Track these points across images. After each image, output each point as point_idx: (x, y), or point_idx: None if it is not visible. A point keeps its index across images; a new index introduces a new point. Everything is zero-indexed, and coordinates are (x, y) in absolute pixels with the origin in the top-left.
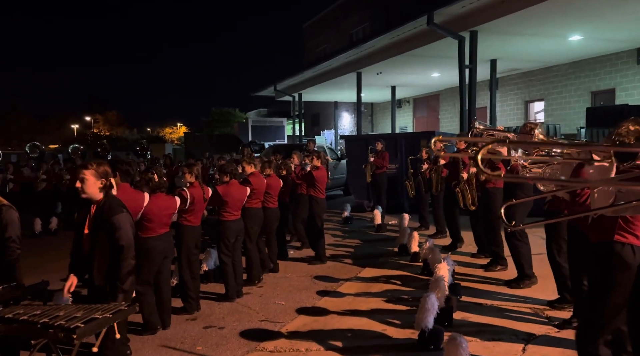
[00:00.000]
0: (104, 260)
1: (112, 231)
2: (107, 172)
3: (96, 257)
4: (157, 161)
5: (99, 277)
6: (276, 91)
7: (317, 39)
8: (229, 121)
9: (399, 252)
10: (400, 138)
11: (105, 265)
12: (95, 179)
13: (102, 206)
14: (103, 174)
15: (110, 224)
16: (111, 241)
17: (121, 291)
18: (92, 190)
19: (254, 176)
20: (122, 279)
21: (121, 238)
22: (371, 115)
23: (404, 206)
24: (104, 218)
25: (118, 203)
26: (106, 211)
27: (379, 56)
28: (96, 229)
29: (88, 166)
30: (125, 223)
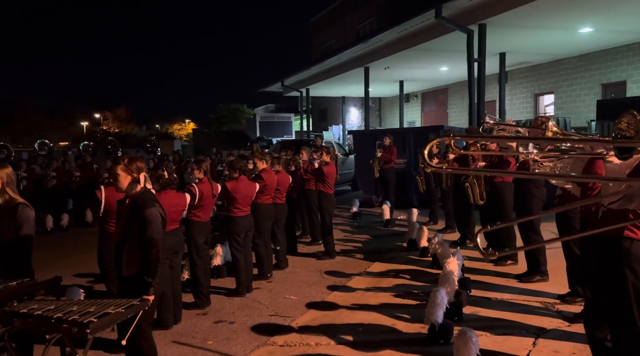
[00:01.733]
0: (133, 252)
1: (143, 224)
2: (137, 167)
3: (126, 248)
4: (166, 158)
5: (126, 268)
6: (284, 87)
7: (324, 34)
8: (237, 117)
9: (408, 247)
10: (408, 133)
11: (133, 257)
12: (125, 173)
13: (136, 199)
14: (133, 168)
15: (143, 217)
16: (141, 234)
17: (150, 285)
18: (123, 184)
19: (265, 172)
20: (151, 273)
21: (152, 231)
22: (379, 110)
23: (413, 201)
24: (137, 210)
25: (152, 197)
26: (140, 204)
27: (387, 51)
28: (129, 221)
29: (119, 160)
30: (156, 217)
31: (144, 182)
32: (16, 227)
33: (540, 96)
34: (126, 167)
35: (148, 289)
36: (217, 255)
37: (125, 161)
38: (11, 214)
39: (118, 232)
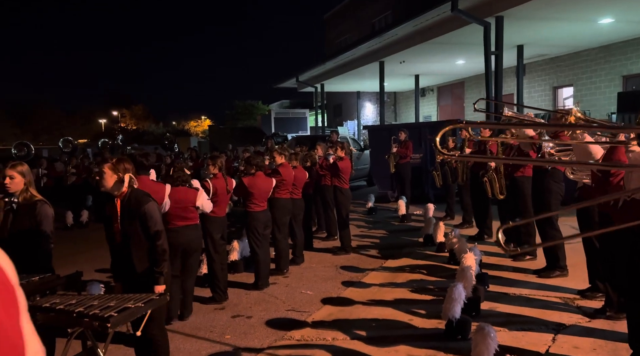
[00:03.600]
0: (140, 249)
1: (144, 220)
2: (124, 167)
3: (132, 247)
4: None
5: (138, 264)
6: (298, 82)
7: (338, 29)
8: (252, 113)
9: (424, 242)
10: (424, 127)
11: (142, 253)
12: (112, 172)
13: (127, 198)
14: (120, 168)
15: (142, 214)
16: (144, 230)
17: (160, 275)
18: (109, 183)
19: (283, 166)
20: (158, 264)
21: (154, 225)
22: (394, 104)
23: (429, 196)
24: (133, 209)
25: (143, 193)
26: (134, 203)
27: (402, 45)
28: (127, 221)
29: (108, 160)
30: (155, 210)
31: (128, 183)
32: (36, 224)
33: (559, 89)
34: (113, 166)
35: (159, 279)
36: (233, 250)
37: (113, 160)
38: (31, 211)
39: (118, 232)
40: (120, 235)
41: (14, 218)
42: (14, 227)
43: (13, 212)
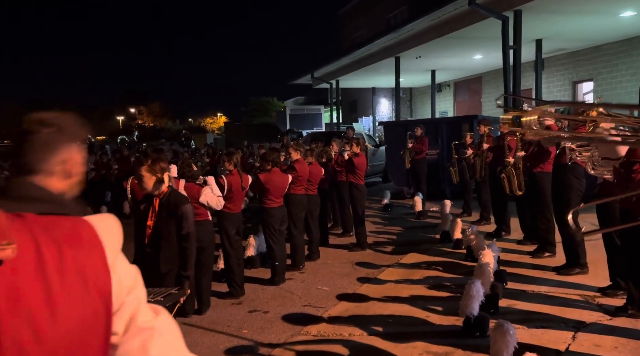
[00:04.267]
0: (169, 249)
1: (180, 221)
2: (161, 168)
3: (162, 247)
4: (199, 151)
5: (164, 265)
6: (313, 79)
7: (353, 24)
8: (267, 110)
9: (441, 239)
10: (441, 123)
11: (169, 254)
12: (150, 174)
13: (166, 197)
14: (157, 168)
15: (180, 214)
16: (178, 230)
17: (186, 279)
18: (149, 184)
19: (299, 162)
20: (187, 266)
21: (187, 227)
22: (410, 100)
23: (446, 192)
24: (172, 209)
25: (180, 194)
26: (172, 203)
27: (418, 40)
28: (164, 220)
29: (142, 162)
30: (191, 213)
31: (168, 181)
32: None
33: (579, 84)
34: (150, 168)
35: (184, 283)
36: (250, 246)
37: (148, 162)
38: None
39: (150, 230)
40: (151, 233)
41: None
42: None
43: None
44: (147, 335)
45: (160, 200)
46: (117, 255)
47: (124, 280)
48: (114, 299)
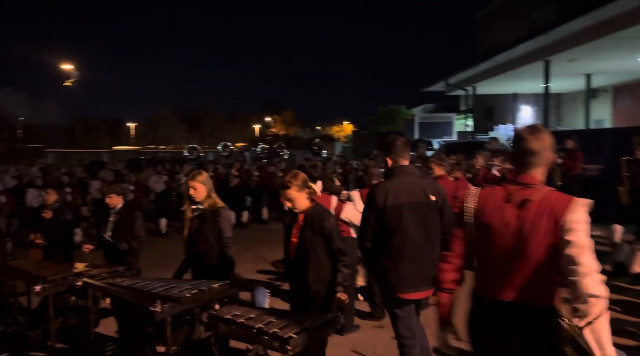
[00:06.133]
0: (316, 268)
1: (327, 237)
2: (305, 180)
3: (309, 266)
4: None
5: (313, 285)
6: (447, 86)
7: (492, 28)
8: (394, 118)
9: (614, 271)
10: (604, 135)
11: (317, 273)
12: (300, 193)
13: (310, 213)
14: (303, 183)
15: (325, 230)
16: (327, 247)
17: (334, 299)
18: (302, 204)
19: (442, 179)
20: (338, 285)
21: (336, 243)
22: (557, 107)
23: (611, 215)
24: (316, 224)
25: (324, 208)
26: (317, 218)
27: (573, 41)
28: (308, 236)
29: (288, 184)
30: (337, 227)
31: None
32: (219, 230)
33: None
34: (298, 187)
35: (330, 302)
36: None
37: (291, 181)
38: (214, 217)
39: (294, 247)
40: (296, 250)
41: (199, 223)
42: (199, 232)
43: (199, 218)
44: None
45: (304, 215)
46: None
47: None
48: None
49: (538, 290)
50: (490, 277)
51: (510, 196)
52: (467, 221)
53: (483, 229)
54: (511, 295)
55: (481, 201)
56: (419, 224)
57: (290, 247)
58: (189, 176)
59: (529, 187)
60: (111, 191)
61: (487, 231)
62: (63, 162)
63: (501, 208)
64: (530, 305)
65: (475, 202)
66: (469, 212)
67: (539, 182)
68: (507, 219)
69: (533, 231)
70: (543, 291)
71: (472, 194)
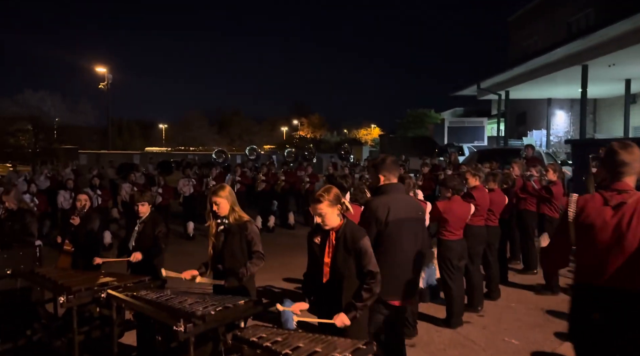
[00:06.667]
0: (351, 290)
1: (359, 257)
2: (338, 196)
3: (344, 288)
4: (358, 164)
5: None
6: (479, 90)
7: (525, 31)
8: (423, 122)
9: None
10: None
11: (352, 295)
12: (332, 209)
13: (342, 231)
14: (335, 199)
15: (358, 249)
16: (357, 267)
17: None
18: (333, 220)
19: (477, 190)
20: (362, 299)
21: (370, 263)
22: (593, 113)
23: None
24: (349, 243)
25: (356, 226)
26: (350, 237)
27: (613, 45)
28: (342, 256)
29: (320, 199)
30: (370, 246)
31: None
32: (247, 243)
33: None
34: (330, 202)
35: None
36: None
37: (323, 196)
38: (242, 231)
39: (327, 268)
40: (330, 272)
41: (226, 239)
42: (226, 248)
43: (225, 232)
44: None
45: (336, 233)
46: None
47: None
48: None
49: (634, 275)
50: (592, 267)
51: (608, 200)
52: (569, 222)
53: (584, 229)
54: (611, 281)
55: (580, 206)
56: (411, 238)
57: (322, 267)
58: (211, 191)
59: (623, 192)
60: (143, 199)
61: (588, 230)
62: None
63: (600, 210)
64: (627, 288)
65: (574, 207)
66: (570, 216)
67: (631, 188)
68: (606, 219)
69: (629, 227)
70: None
71: (572, 201)
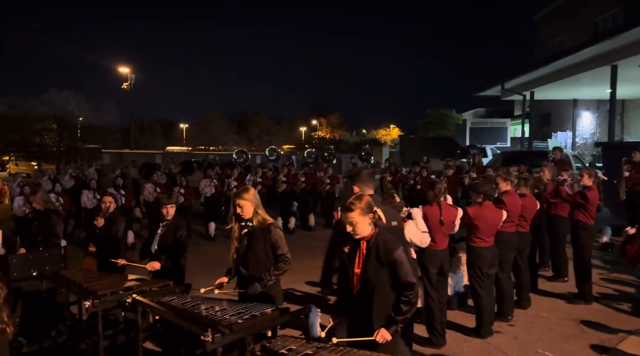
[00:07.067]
0: (383, 303)
1: (394, 269)
2: (370, 204)
3: (375, 300)
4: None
5: (378, 322)
6: (503, 90)
7: (551, 31)
8: (444, 123)
9: None
10: None
11: (384, 308)
12: (364, 217)
13: (374, 241)
14: (367, 207)
15: (392, 261)
16: (393, 279)
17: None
18: (364, 230)
19: (508, 195)
20: (401, 313)
21: (407, 274)
22: (621, 114)
23: None
24: (381, 254)
25: (390, 236)
26: (383, 247)
27: None
28: (373, 267)
29: (351, 207)
30: (405, 257)
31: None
32: (272, 246)
33: None
34: (361, 210)
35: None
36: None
37: (355, 204)
38: (266, 234)
39: (357, 279)
40: (360, 283)
41: (249, 242)
42: (250, 251)
43: (249, 236)
44: None
45: (367, 243)
46: None
47: None
48: None
49: None
50: None
51: None
52: None
53: None
54: None
55: None
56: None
57: (351, 278)
58: (234, 193)
59: None
60: (170, 202)
61: None
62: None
63: None
64: None
65: None
66: None
67: None
68: None
69: None
70: None
71: None
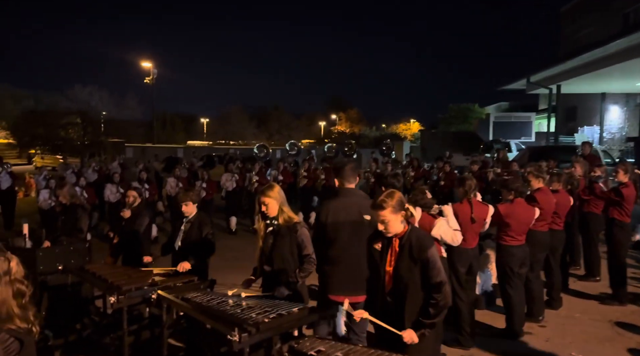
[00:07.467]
0: (414, 303)
1: (426, 268)
2: (402, 201)
3: (407, 300)
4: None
5: (410, 320)
6: (529, 84)
7: (578, 23)
8: (466, 117)
9: None
10: None
11: (416, 308)
12: (395, 215)
13: (407, 238)
14: (399, 204)
15: (425, 259)
16: (424, 279)
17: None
18: (396, 227)
19: (541, 192)
20: (431, 316)
21: (437, 274)
22: None
23: None
24: (415, 252)
25: (424, 233)
26: (416, 245)
27: None
28: (406, 265)
29: (383, 205)
30: (438, 257)
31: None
32: (297, 246)
33: None
34: (393, 208)
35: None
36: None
37: (386, 201)
38: (292, 233)
39: (389, 277)
40: (392, 281)
41: (275, 240)
42: (275, 250)
43: (274, 234)
44: None
45: (399, 240)
46: None
47: None
48: None
49: None
50: None
51: None
52: None
53: None
54: None
55: None
56: (354, 238)
57: (382, 276)
58: (259, 191)
59: None
60: (187, 199)
61: None
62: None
63: None
64: None
65: None
66: None
67: None
68: None
69: None
70: None
71: None
